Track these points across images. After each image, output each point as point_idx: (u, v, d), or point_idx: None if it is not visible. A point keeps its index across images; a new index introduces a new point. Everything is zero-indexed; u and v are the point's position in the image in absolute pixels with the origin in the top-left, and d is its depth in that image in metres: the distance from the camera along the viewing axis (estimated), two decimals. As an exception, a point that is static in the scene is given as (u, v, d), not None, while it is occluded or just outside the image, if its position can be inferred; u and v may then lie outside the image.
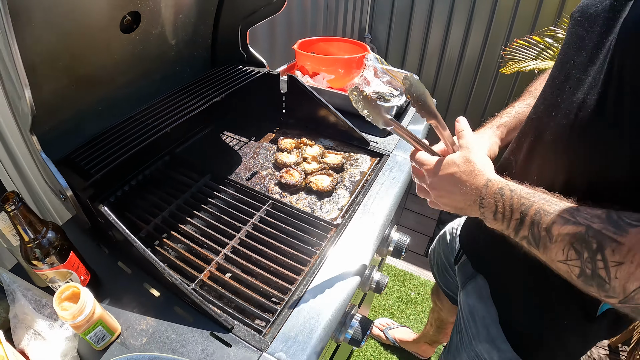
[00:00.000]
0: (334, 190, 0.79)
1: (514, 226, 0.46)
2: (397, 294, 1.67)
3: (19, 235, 0.48)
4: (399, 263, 1.79)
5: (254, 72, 0.91)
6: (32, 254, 0.49)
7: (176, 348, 0.51)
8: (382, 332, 1.49)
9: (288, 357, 0.50)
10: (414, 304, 1.64)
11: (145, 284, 0.58)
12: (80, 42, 0.66)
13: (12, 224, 0.48)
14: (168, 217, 0.69)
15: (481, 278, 0.70)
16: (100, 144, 0.65)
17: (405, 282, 1.71)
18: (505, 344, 0.65)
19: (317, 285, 0.59)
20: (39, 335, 0.51)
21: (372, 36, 2.50)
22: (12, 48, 0.44)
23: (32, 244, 0.49)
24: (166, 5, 0.79)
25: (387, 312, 1.62)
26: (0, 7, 0.42)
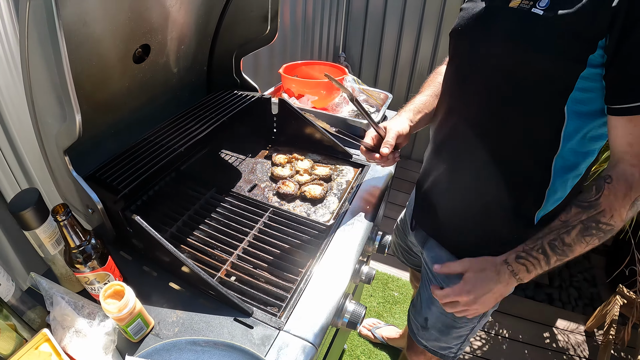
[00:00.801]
0: (325, 197, 0.90)
1: (545, 264, 0.65)
2: (381, 295, 1.79)
3: (66, 243, 0.54)
4: (382, 267, 1.92)
5: (249, 96, 1.01)
6: (77, 259, 0.55)
7: (205, 334, 0.58)
8: (370, 331, 1.59)
9: (301, 332, 0.58)
10: (398, 304, 1.76)
11: (171, 283, 0.65)
12: (100, 73, 0.74)
13: (60, 233, 0.54)
14: (182, 226, 0.76)
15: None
16: (121, 162, 0.72)
17: (389, 284, 1.84)
18: None
19: (317, 277, 0.69)
20: (80, 333, 0.56)
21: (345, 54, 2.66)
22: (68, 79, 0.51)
23: (76, 250, 0.55)
24: (171, 38, 0.88)
25: (374, 312, 1.73)
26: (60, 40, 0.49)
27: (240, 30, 1.02)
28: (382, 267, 1.90)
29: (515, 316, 1.90)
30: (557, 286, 2.10)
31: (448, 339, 0.93)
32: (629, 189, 0.58)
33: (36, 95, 0.58)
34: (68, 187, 0.67)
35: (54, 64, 0.52)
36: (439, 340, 0.94)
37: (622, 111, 0.57)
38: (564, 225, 0.63)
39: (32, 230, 0.56)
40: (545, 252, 0.64)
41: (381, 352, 1.57)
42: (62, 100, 0.55)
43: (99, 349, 0.55)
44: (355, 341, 1.61)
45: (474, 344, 1.72)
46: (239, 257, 0.72)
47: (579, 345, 1.81)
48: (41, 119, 0.61)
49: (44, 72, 0.55)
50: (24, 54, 0.55)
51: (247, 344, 0.57)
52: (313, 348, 0.59)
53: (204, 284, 0.61)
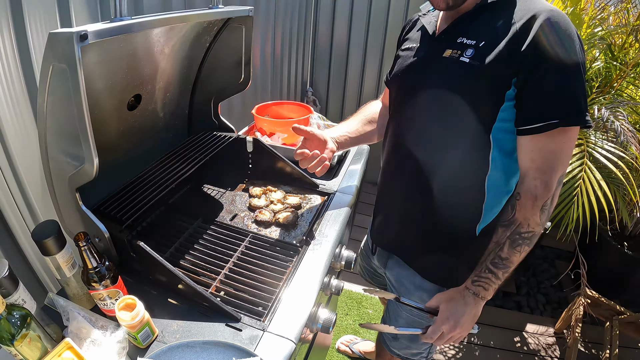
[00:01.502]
0: (296, 222, 1.08)
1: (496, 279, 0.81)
2: (357, 313, 1.97)
3: (84, 264, 0.70)
4: (356, 287, 2.10)
5: (226, 137, 1.21)
6: (93, 278, 0.70)
7: (202, 337, 0.73)
8: (347, 347, 1.75)
9: (281, 331, 0.75)
10: (372, 321, 1.95)
11: (169, 299, 0.80)
12: (101, 120, 0.90)
13: (80, 257, 0.69)
14: (175, 251, 0.92)
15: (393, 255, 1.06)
16: (121, 198, 0.88)
17: (363, 302, 2.02)
18: (427, 283, 1.00)
19: (292, 287, 0.86)
20: (95, 342, 0.70)
21: (313, 89, 2.94)
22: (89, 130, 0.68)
23: (93, 271, 0.70)
24: (159, 87, 1.07)
25: (350, 330, 1.90)
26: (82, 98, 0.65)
27: (218, 77, 1.22)
28: (357, 288, 2.08)
29: (485, 324, 2.11)
30: (525, 294, 2.35)
31: (417, 345, 1.10)
32: (535, 199, 0.76)
33: (51, 142, 0.73)
34: (74, 219, 0.81)
35: (75, 117, 0.66)
36: (410, 348, 1.12)
37: (525, 131, 0.75)
38: (496, 245, 0.81)
39: (52, 256, 0.71)
40: (491, 270, 0.81)
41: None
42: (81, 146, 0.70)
43: (113, 354, 0.69)
44: (334, 357, 1.75)
45: (447, 352, 1.90)
46: (226, 276, 0.88)
47: (549, 347, 2.03)
48: (56, 162, 0.76)
49: (63, 123, 0.70)
50: (42, 107, 0.70)
51: (238, 343, 0.73)
52: (292, 343, 0.75)
53: (200, 296, 0.77)
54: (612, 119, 1.50)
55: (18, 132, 0.92)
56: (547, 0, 0.77)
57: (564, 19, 0.71)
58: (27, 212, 0.98)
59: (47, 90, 0.68)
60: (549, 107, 0.71)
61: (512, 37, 0.72)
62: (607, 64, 1.84)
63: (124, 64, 0.87)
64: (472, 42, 0.78)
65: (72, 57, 0.59)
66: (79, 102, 0.64)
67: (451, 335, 0.86)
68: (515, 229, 0.78)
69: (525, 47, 0.71)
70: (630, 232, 2.28)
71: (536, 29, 0.70)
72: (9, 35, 0.86)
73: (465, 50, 0.78)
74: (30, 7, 0.88)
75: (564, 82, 0.71)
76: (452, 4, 0.79)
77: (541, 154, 0.75)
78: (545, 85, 0.71)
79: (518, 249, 0.78)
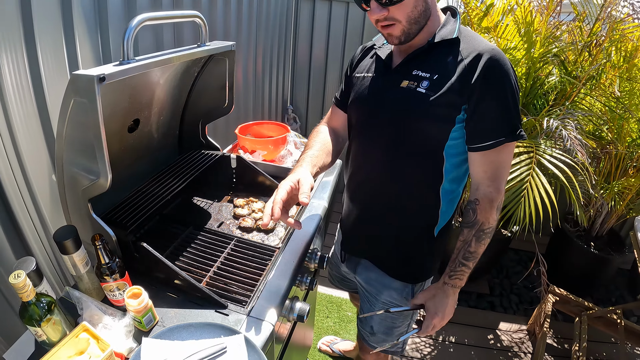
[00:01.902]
0: (274, 228, 1.27)
1: (468, 269, 1.00)
2: (337, 316, 2.15)
3: (98, 260, 0.87)
4: (337, 292, 2.29)
5: (213, 154, 1.40)
6: (105, 272, 0.88)
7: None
8: (328, 347, 1.92)
9: (262, 316, 0.93)
10: (351, 322, 2.12)
11: (168, 292, 0.98)
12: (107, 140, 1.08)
13: (95, 254, 0.87)
14: (170, 254, 1.10)
15: (363, 260, 1.24)
16: (124, 208, 1.06)
17: (342, 305, 2.21)
18: (395, 282, 1.17)
19: (271, 281, 1.05)
20: (107, 326, 0.87)
21: (293, 107, 3.16)
22: (105, 152, 0.86)
23: (105, 266, 0.87)
24: (154, 112, 1.26)
25: (331, 331, 2.08)
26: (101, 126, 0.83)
27: (204, 102, 1.42)
28: (337, 292, 2.26)
29: (459, 324, 2.30)
30: (498, 294, 2.55)
31: (392, 337, 1.28)
32: (491, 202, 0.95)
33: (67, 160, 0.90)
34: (84, 225, 0.98)
35: (90, 139, 0.83)
36: (386, 341, 1.29)
37: (476, 149, 0.93)
38: (464, 242, 0.99)
39: (70, 255, 0.88)
40: (464, 264, 1.00)
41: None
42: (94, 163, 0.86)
43: (121, 335, 0.86)
44: (316, 356, 1.91)
45: (423, 350, 2.08)
46: (214, 272, 1.06)
47: (522, 343, 2.23)
48: (70, 176, 0.92)
49: (80, 145, 0.88)
50: (61, 131, 0.87)
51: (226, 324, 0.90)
52: (270, 324, 0.93)
53: (194, 288, 0.95)
54: (561, 128, 1.73)
55: (31, 146, 1.10)
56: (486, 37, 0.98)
57: (502, 56, 0.90)
58: (37, 218, 1.14)
59: (67, 119, 0.85)
60: (497, 128, 0.91)
61: (462, 72, 0.90)
62: (561, 78, 2.08)
63: (126, 94, 1.07)
64: (426, 74, 0.94)
65: (92, 94, 0.77)
66: (97, 128, 0.81)
67: (441, 324, 1.05)
68: (479, 227, 0.97)
69: (473, 81, 0.88)
70: (597, 232, 2.51)
71: (481, 65, 0.88)
72: (24, 64, 1.04)
73: (421, 81, 0.95)
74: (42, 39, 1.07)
75: (505, 107, 0.90)
76: (403, 40, 0.93)
77: (491, 166, 0.94)
78: (492, 111, 0.90)
79: (482, 242, 0.98)
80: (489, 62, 0.88)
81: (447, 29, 0.95)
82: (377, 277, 1.21)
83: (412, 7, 0.89)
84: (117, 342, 0.85)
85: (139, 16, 0.88)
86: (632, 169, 2.23)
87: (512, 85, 0.90)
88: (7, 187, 1.04)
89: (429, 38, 0.96)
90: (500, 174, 0.95)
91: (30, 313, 0.77)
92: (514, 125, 0.92)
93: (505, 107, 0.91)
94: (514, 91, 0.91)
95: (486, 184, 0.95)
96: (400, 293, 1.19)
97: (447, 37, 0.94)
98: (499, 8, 1.77)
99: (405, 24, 0.91)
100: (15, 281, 0.71)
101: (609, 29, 1.91)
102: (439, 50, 0.95)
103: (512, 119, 0.91)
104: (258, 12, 2.42)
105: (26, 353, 0.85)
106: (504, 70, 0.90)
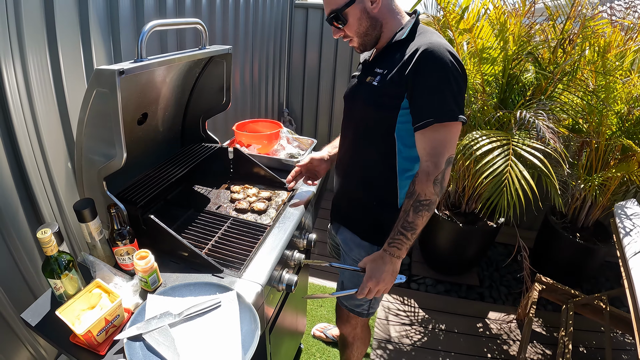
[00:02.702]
0: (266, 210, 1.42)
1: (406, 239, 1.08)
2: (330, 305, 2.29)
3: (111, 226, 1.02)
4: (329, 283, 2.42)
5: (213, 147, 1.56)
6: (117, 237, 1.03)
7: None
8: (322, 333, 2.04)
9: (253, 278, 1.07)
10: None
11: (171, 261, 1.12)
12: (117, 134, 1.25)
13: (108, 221, 1.02)
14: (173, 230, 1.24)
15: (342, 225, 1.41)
16: (133, 190, 1.21)
17: None
18: (364, 243, 1.32)
19: (262, 253, 1.19)
20: (117, 285, 1.02)
21: (288, 110, 3.33)
22: (122, 134, 1.01)
23: (118, 232, 1.03)
24: (160, 107, 1.42)
25: (324, 319, 2.22)
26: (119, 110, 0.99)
27: (205, 100, 1.59)
28: (330, 284, 2.40)
29: (449, 313, 2.41)
30: (488, 286, 2.66)
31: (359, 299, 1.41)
32: (428, 175, 1.04)
33: (87, 144, 1.06)
34: (97, 203, 1.13)
35: (109, 124, 1.00)
36: (353, 299, 1.43)
37: (416, 129, 1.05)
38: (404, 212, 1.08)
39: (87, 223, 1.03)
40: (402, 233, 1.08)
41: (333, 349, 2.02)
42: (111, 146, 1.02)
43: (130, 293, 1.01)
44: (310, 342, 2.04)
45: (413, 337, 2.19)
46: (213, 245, 1.21)
47: (511, 331, 2.33)
48: (89, 157, 1.07)
49: (100, 129, 1.03)
50: (82, 118, 1.03)
51: (221, 284, 1.05)
52: (260, 286, 1.07)
53: (194, 255, 1.10)
54: (534, 119, 1.86)
55: (51, 136, 1.26)
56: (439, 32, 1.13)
57: (438, 48, 1.01)
58: (53, 199, 1.30)
59: (89, 106, 1.01)
60: (427, 111, 1.03)
61: (400, 65, 1.06)
62: (536, 74, 2.22)
63: (137, 90, 1.23)
64: (381, 70, 1.13)
65: (113, 85, 0.94)
66: (116, 113, 0.97)
67: (377, 289, 1.12)
68: (416, 198, 1.06)
69: (407, 72, 1.04)
70: (582, 224, 2.63)
71: (415, 58, 1.02)
72: (47, 65, 1.21)
73: (376, 76, 1.13)
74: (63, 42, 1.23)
75: (435, 92, 1.02)
76: (363, 49, 1.17)
77: (429, 143, 1.05)
78: (422, 97, 1.03)
79: (420, 214, 1.06)
80: (422, 55, 1.02)
81: (402, 32, 1.12)
82: (352, 237, 1.37)
83: (357, 25, 1.11)
84: (125, 298, 1.00)
85: (151, 22, 1.05)
86: (613, 161, 2.35)
87: (444, 74, 1.01)
88: (29, 171, 1.20)
89: (389, 41, 1.14)
90: (438, 152, 1.04)
91: (52, 266, 0.91)
92: (446, 107, 1.01)
93: (434, 92, 1.02)
94: (446, 79, 1.01)
95: (425, 159, 1.06)
96: (367, 252, 1.31)
97: (399, 39, 1.11)
98: (474, 11, 1.93)
99: (356, 38, 1.14)
100: (42, 236, 0.86)
101: (580, 25, 2.04)
102: (395, 49, 1.11)
103: (442, 102, 1.01)
104: (254, 20, 2.61)
105: (42, 312, 0.98)
106: (435, 61, 1.01)
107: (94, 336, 0.86)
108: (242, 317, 0.94)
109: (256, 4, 2.61)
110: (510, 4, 2.15)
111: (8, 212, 1.15)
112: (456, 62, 1.03)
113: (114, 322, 0.91)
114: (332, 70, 3.09)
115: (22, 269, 1.24)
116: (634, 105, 2.18)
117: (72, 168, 1.37)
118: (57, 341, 0.90)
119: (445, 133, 1.04)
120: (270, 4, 2.83)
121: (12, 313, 1.22)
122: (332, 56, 3.06)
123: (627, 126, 2.23)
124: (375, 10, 1.10)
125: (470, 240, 2.55)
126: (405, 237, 1.09)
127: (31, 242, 1.25)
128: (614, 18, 2.34)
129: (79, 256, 1.08)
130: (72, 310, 0.90)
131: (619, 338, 2.33)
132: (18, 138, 1.15)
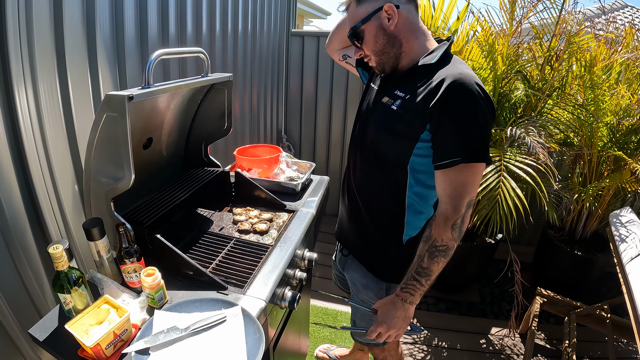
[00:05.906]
0: (268, 231, 1.47)
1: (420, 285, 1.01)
2: None
3: (120, 245, 1.06)
4: (331, 305, 2.45)
5: (215, 171, 1.63)
6: (125, 256, 1.07)
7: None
8: (325, 353, 2.05)
9: (256, 295, 1.11)
10: (347, 332, 2.25)
11: (176, 279, 1.16)
12: (124, 159, 1.31)
13: (115, 241, 1.06)
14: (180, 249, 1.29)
15: (350, 258, 1.41)
16: (138, 212, 1.27)
17: (338, 316, 2.36)
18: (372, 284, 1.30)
19: (265, 271, 1.23)
20: (124, 302, 1.05)
21: (287, 136, 3.42)
22: (131, 158, 1.07)
23: (125, 250, 1.07)
24: (164, 133, 1.50)
25: (327, 340, 2.22)
26: (128, 133, 1.06)
27: (207, 125, 1.66)
28: (332, 305, 2.41)
29: (452, 330, 2.41)
30: (489, 302, 2.67)
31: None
32: (446, 219, 0.95)
33: (95, 167, 1.11)
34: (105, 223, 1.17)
35: (118, 147, 1.05)
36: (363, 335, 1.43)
37: (438, 167, 0.95)
38: (418, 257, 1.00)
39: (95, 241, 1.07)
40: (416, 279, 1.01)
41: (336, 370, 2.01)
42: (119, 168, 1.07)
43: (137, 309, 1.04)
44: (313, 363, 2.03)
45: (417, 355, 2.19)
46: (217, 264, 1.25)
47: (515, 346, 2.32)
48: (97, 178, 1.12)
49: (109, 153, 1.07)
50: (92, 140, 1.07)
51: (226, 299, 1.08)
52: (263, 302, 1.10)
53: (200, 273, 1.14)
54: (525, 135, 1.93)
55: (60, 159, 1.32)
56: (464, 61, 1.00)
57: (468, 81, 0.92)
58: (60, 220, 1.34)
59: (99, 130, 1.07)
60: (453, 149, 0.93)
61: (425, 94, 0.97)
62: (526, 91, 2.30)
63: (143, 116, 1.30)
64: (402, 94, 1.04)
65: (123, 109, 1.01)
66: (125, 136, 1.03)
67: (388, 334, 1.08)
68: (432, 243, 0.98)
69: (433, 104, 0.94)
70: (580, 236, 2.67)
71: (442, 89, 0.93)
72: (56, 92, 1.27)
73: (396, 100, 1.05)
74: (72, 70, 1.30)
75: (463, 129, 0.92)
76: (380, 69, 1.10)
77: (450, 185, 0.96)
78: (448, 133, 0.94)
79: (435, 260, 0.98)
80: (450, 86, 0.92)
81: (431, 56, 1.03)
82: (359, 278, 1.35)
83: (373, 42, 1.05)
84: (132, 314, 1.03)
85: (158, 51, 1.13)
86: (606, 172, 2.42)
87: (474, 110, 0.92)
88: (38, 192, 1.24)
89: (412, 63, 1.06)
90: (459, 194, 0.95)
91: (62, 281, 0.95)
92: (473, 147, 0.93)
93: (462, 129, 0.93)
94: (475, 115, 0.92)
95: (444, 201, 0.97)
96: (375, 294, 1.31)
97: (427, 63, 1.02)
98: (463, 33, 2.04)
99: (374, 57, 1.08)
100: (54, 251, 0.91)
101: (566, 42, 2.14)
102: (420, 74, 1.02)
103: (470, 141, 0.92)
104: (252, 48, 2.74)
105: (50, 328, 1.01)
106: (465, 95, 0.92)
107: (103, 350, 0.89)
108: (247, 330, 0.98)
109: (254, 32, 2.75)
110: (497, 25, 2.28)
111: (16, 232, 1.20)
112: (486, 97, 0.95)
113: (122, 336, 0.94)
114: (329, 95, 3.20)
115: (27, 286, 1.27)
116: (623, 116, 2.26)
117: (79, 190, 1.42)
118: (65, 356, 0.93)
119: (469, 174, 0.95)
120: (267, 33, 2.98)
121: (15, 329, 1.24)
122: (328, 84, 3.19)
123: (618, 137, 2.31)
124: (392, 28, 1.02)
125: (469, 257, 2.58)
126: (419, 282, 1.02)
127: (37, 261, 1.28)
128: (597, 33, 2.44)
129: (87, 274, 1.12)
130: (80, 325, 0.94)
131: (623, 347, 2.33)
132: (28, 160, 1.20)
